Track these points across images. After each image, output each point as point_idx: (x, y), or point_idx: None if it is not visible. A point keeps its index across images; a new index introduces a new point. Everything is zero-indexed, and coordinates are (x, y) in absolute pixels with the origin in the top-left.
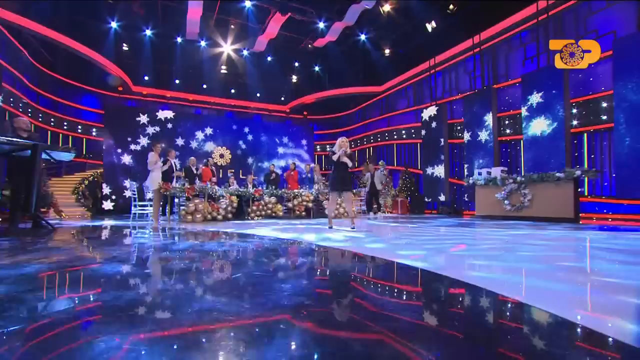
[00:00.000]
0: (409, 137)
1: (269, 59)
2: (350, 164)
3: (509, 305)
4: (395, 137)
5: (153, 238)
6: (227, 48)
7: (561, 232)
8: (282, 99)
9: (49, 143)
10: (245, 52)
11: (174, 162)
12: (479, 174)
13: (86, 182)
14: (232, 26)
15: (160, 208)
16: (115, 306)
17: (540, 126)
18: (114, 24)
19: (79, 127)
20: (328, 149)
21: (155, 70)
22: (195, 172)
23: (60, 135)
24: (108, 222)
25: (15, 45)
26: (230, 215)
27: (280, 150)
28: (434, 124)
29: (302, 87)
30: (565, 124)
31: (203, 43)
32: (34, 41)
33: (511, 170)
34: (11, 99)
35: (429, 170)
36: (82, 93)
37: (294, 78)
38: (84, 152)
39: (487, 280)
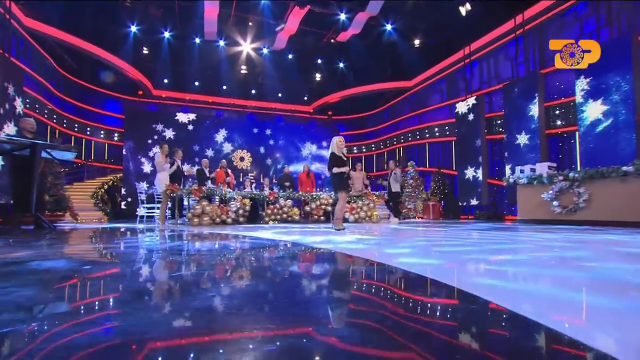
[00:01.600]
0: (442, 135)
1: (290, 56)
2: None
3: None
4: (427, 135)
5: (143, 239)
6: (246, 47)
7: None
8: (305, 98)
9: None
10: (265, 51)
11: (180, 163)
12: (521, 171)
13: (105, 186)
14: (251, 24)
15: (169, 210)
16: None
17: (600, 114)
18: (133, 28)
19: (102, 132)
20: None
21: (174, 72)
22: (208, 174)
23: (84, 140)
24: (115, 225)
25: (40, 53)
26: (242, 219)
27: (304, 152)
28: (470, 117)
29: (325, 86)
30: (635, 108)
31: (222, 43)
32: (58, 48)
33: (563, 167)
34: (37, 106)
35: (465, 171)
36: (105, 98)
37: (317, 76)
38: (106, 157)
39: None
